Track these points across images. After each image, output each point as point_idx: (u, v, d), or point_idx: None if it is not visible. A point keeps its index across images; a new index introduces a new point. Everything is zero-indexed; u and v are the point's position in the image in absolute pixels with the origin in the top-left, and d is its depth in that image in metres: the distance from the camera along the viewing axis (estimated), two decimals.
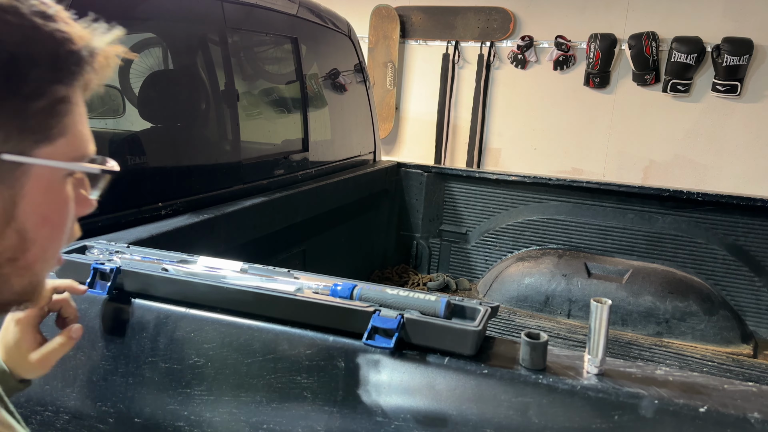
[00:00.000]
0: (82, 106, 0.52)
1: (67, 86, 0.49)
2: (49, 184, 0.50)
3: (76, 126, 0.51)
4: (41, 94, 0.47)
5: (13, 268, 0.50)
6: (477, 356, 0.82)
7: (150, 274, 0.97)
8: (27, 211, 0.49)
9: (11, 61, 0.44)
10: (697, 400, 0.73)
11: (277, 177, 2.02)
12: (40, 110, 0.47)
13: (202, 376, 0.91)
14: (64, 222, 0.53)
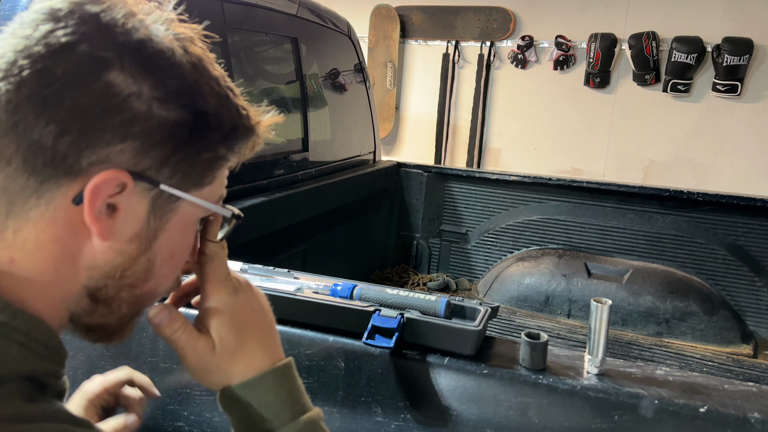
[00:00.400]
0: (229, 165, 0.58)
1: (229, 150, 0.55)
2: (186, 224, 0.56)
3: (221, 180, 0.57)
4: (212, 149, 0.53)
5: (129, 294, 0.54)
6: (477, 356, 0.82)
7: None
8: (162, 245, 0.53)
9: (204, 117, 0.51)
10: (697, 400, 0.73)
11: (277, 177, 2.02)
12: (205, 162, 0.53)
13: None
14: (182, 263, 0.58)
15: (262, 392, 0.59)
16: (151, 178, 0.50)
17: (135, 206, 0.50)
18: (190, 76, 0.51)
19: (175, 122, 0.50)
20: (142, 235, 0.52)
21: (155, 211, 0.52)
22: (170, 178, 0.51)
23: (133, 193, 0.50)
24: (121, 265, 0.52)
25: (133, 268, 0.52)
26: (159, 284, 0.56)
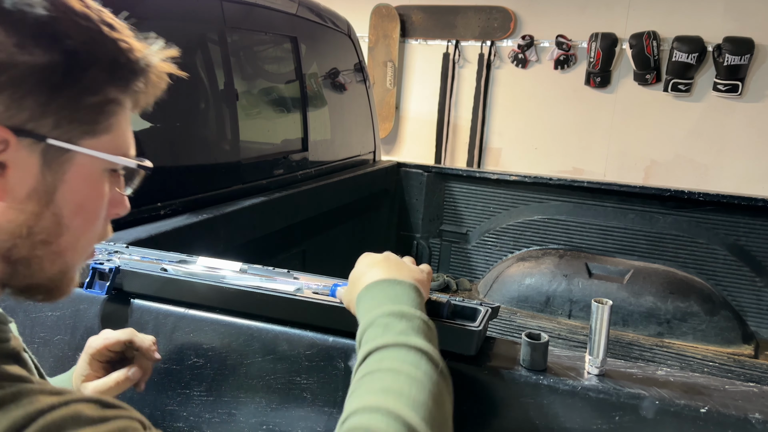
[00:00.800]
0: (128, 111, 0.57)
1: (119, 90, 0.54)
2: (88, 175, 0.54)
3: (121, 127, 0.56)
4: (95, 92, 0.52)
5: (46, 251, 0.53)
6: (477, 357, 0.82)
7: (149, 274, 0.96)
8: (65, 197, 0.53)
9: (74, 56, 0.50)
10: (698, 400, 0.73)
11: (277, 177, 2.02)
12: (91, 105, 0.52)
13: (201, 377, 0.91)
14: (97, 215, 0.57)
15: (364, 300, 0.70)
16: (33, 131, 0.49)
17: (24, 161, 0.49)
18: (48, 15, 0.49)
19: (43, 66, 0.48)
20: (40, 189, 0.51)
21: (48, 164, 0.51)
22: (55, 128, 0.50)
23: (19, 149, 0.49)
24: (25, 223, 0.51)
25: (40, 224, 0.52)
26: (77, 237, 0.55)
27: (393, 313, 0.65)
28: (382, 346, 0.62)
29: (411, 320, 0.65)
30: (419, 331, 0.64)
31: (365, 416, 0.54)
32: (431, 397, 0.57)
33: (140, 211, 1.46)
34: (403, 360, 0.60)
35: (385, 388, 0.57)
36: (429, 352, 0.62)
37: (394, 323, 0.64)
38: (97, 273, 0.97)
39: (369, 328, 0.65)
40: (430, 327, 0.66)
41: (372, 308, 0.67)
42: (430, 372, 0.60)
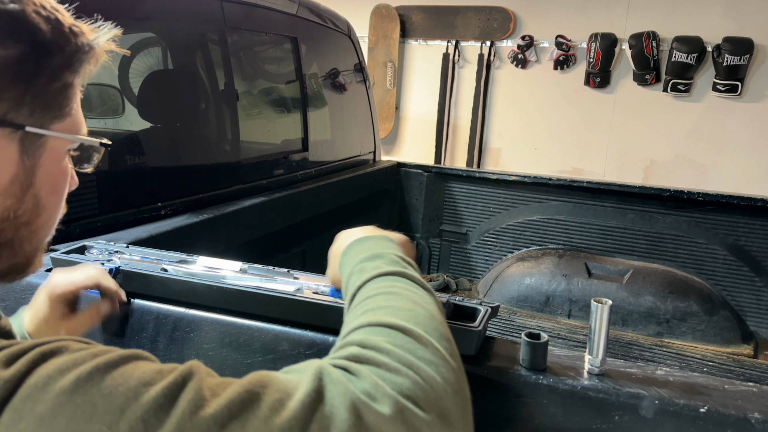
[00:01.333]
0: (79, 92, 0.60)
1: (74, 74, 0.57)
2: (57, 157, 0.58)
3: (78, 108, 0.59)
4: (57, 78, 0.55)
5: (26, 232, 0.57)
6: (477, 356, 0.82)
7: (149, 275, 0.96)
8: (42, 180, 0.56)
9: (42, 47, 0.53)
10: (697, 400, 0.73)
11: (277, 177, 2.02)
12: (56, 91, 0.55)
13: None
14: (64, 192, 0.61)
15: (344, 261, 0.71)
16: (12, 121, 0.52)
17: (6, 150, 0.53)
18: (19, 9, 0.52)
19: (18, 58, 0.51)
20: (21, 175, 0.54)
21: (26, 150, 0.54)
22: (30, 116, 0.53)
23: (1, 138, 0.52)
24: (11, 207, 0.54)
25: (23, 207, 0.55)
26: (50, 216, 0.59)
27: (366, 257, 0.68)
28: (360, 285, 0.63)
29: (383, 257, 0.67)
30: (392, 262, 0.66)
31: (346, 345, 0.54)
32: (410, 301, 0.58)
33: (141, 211, 1.47)
34: (377, 287, 0.61)
35: (364, 311, 0.58)
36: (401, 271, 0.64)
37: (368, 264, 0.66)
38: None
39: (349, 279, 0.67)
40: (405, 259, 0.68)
41: (349, 263, 0.70)
42: (406, 285, 0.62)
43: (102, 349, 0.48)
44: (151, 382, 0.44)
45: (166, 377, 0.45)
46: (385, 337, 0.52)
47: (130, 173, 1.48)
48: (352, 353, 0.50)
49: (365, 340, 0.51)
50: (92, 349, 0.47)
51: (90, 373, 0.44)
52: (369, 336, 0.52)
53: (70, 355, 0.46)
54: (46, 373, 0.44)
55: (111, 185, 1.41)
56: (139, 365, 0.46)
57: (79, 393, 0.43)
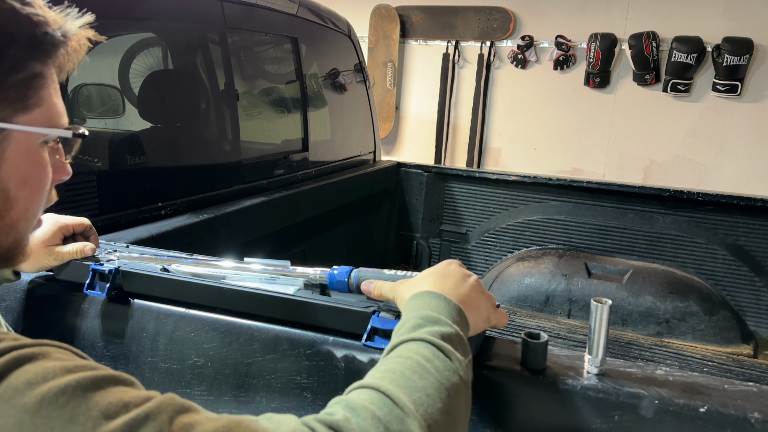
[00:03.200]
0: (56, 82, 0.59)
1: (42, 63, 0.56)
2: (27, 149, 0.57)
3: (51, 99, 0.58)
4: (19, 69, 0.53)
5: (1, 225, 0.57)
6: (477, 356, 0.82)
7: (149, 275, 0.96)
8: (9, 173, 0.55)
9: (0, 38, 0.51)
10: (697, 400, 0.73)
11: (277, 177, 2.02)
12: (18, 83, 0.54)
13: (201, 377, 0.91)
14: (42, 185, 0.60)
15: (412, 301, 0.70)
16: None
17: None
18: None
19: None
20: None
21: None
22: None
23: None
24: None
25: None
26: (26, 209, 0.59)
27: (428, 317, 0.66)
28: (406, 340, 0.63)
29: (443, 326, 0.65)
30: (447, 337, 0.63)
31: (354, 392, 0.55)
32: (434, 387, 0.56)
33: (141, 211, 1.47)
34: (417, 351, 0.60)
35: (385, 370, 0.57)
36: (448, 351, 0.61)
37: (425, 325, 0.65)
38: (97, 274, 0.97)
39: (403, 326, 0.66)
40: (462, 339, 0.66)
41: (412, 310, 0.69)
42: (442, 368, 0.59)
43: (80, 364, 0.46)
44: (113, 415, 0.43)
45: (131, 412, 0.43)
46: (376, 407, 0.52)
47: (131, 173, 1.48)
48: (333, 421, 0.50)
49: (356, 406, 0.52)
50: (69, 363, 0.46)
51: (56, 394, 0.43)
52: (365, 403, 0.52)
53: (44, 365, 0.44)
54: (14, 385, 0.43)
55: (111, 185, 1.41)
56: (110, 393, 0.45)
57: (41, 415, 0.42)
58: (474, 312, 0.72)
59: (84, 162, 1.34)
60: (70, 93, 1.30)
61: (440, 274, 0.76)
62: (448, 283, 0.74)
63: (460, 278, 0.75)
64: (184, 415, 0.46)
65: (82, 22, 0.59)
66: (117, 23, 1.49)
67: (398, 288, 0.78)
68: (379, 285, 0.82)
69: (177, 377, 0.92)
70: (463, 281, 0.75)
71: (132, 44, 1.65)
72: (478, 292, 0.75)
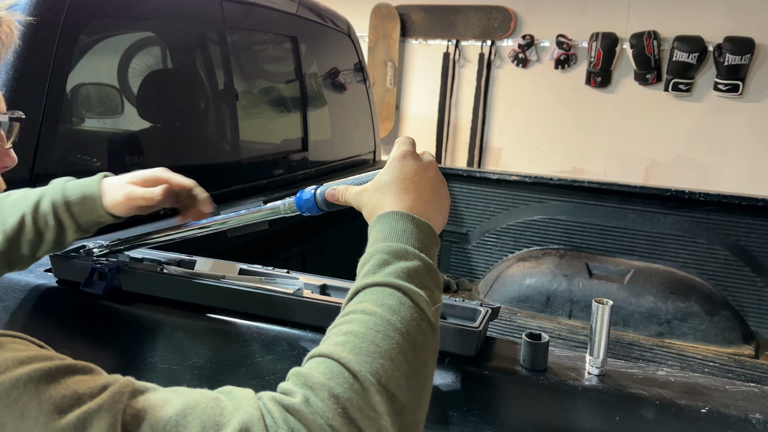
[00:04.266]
0: None
1: None
2: None
3: None
4: None
5: None
6: (478, 357, 0.82)
7: (149, 274, 0.96)
8: None
9: None
10: (698, 400, 0.73)
11: (277, 177, 2.02)
12: None
13: (201, 377, 0.91)
14: None
15: (378, 225, 0.66)
16: None
17: None
18: None
19: None
20: None
21: None
22: None
23: None
24: None
25: None
26: None
27: (394, 251, 0.61)
28: (370, 284, 0.58)
29: (410, 260, 0.60)
30: (415, 273, 0.59)
31: (313, 362, 0.52)
32: (398, 347, 0.53)
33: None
34: (381, 302, 0.56)
35: (347, 332, 0.54)
36: (415, 295, 0.57)
37: (391, 261, 0.60)
38: (96, 273, 0.96)
39: (367, 261, 0.62)
40: (431, 270, 0.61)
41: (377, 240, 0.64)
42: (409, 318, 0.55)
43: (34, 355, 0.45)
44: (66, 409, 0.41)
45: (84, 405, 0.42)
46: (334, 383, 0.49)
47: None
48: (290, 403, 0.47)
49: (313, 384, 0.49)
50: (23, 354, 0.44)
51: (7, 389, 0.41)
52: (323, 379, 0.49)
53: None
54: None
55: None
56: (64, 384, 0.43)
57: None
58: (440, 208, 0.69)
59: (83, 162, 1.34)
60: (69, 92, 1.30)
61: (401, 178, 0.70)
62: (411, 189, 0.68)
63: (421, 177, 0.70)
64: (138, 401, 0.44)
65: (8, 4, 0.59)
66: (116, 22, 1.49)
67: (361, 198, 0.73)
68: (342, 190, 0.77)
69: (177, 377, 0.92)
70: (424, 178, 0.70)
71: (131, 43, 1.65)
72: (438, 182, 0.71)
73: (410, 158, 0.72)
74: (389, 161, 0.73)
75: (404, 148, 0.74)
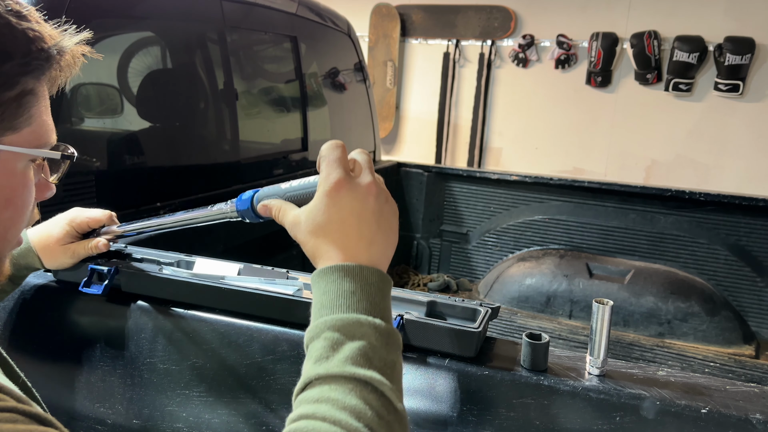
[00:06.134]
0: (47, 98, 0.57)
1: (35, 80, 0.53)
2: (13, 169, 0.55)
3: (41, 117, 0.56)
4: (12, 86, 0.51)
5: None
6: (478, 357, 0.82)
7: (148, 274, 0.96)
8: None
9: None
10: (698, 401, 0.73)
11: (277, 176, 2.01)
12: (10, 100, 0.52)
13: (200, 378, 0.91)
14: (26, 205, 0.58)
15: (322, 284, 0.60)
16: None
17: None
18: None
19: None
20: None
21: None
22: None
23: None
24: None
25: None
26: (7, 228, 0.57)
27: (343, 325, 0.55)
28: (324, 376, 0.53)
29: (364, 336, 0.55)
30: (372, 351, 0.54)
31: None
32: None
33: (139, 211, 1.46)
34: (343, 405, 0.50)
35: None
36: (378, 384, 0.52)
37: (342, 340, 0.54)
38: (95, 273, 0.96)
39: (316, 337, 0.57)
40: (389, 336, 0.56)
41: (323, 306, 0.59)
42: (375, 418, 0.50)
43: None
44: None
45: None
46: None
47: (129, 173, 1.48)
48: None
49: None
50: None
51: None
52: None
53: None
54: None
55: (109, 185, 1.40)
56: None
57: None
58: (387, 239, 0.62)
59: (82, 161, 1.33)
60: (69, 92, 1.30)
61: (337, 219, 0.60)
62: (351, 231, 0.60)
63: (359, 212, 0.60)
64: None
65: (79, 39, 0.57)
66: (116, 22, 1.49)
67: (296, 233, 0.64)
68: (276, 209, 0.68)
69: (176, 378, 0.92)
70: (364, 211, 0.60)
71: (131, 43, 1.64)
72: (379, 208, 0.61)
73: (345, 190, 0.60)
74: (319, 193, 0.61)
75: (334, 176, 0.61)
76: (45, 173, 0.61)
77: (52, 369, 0.99)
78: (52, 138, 0.58)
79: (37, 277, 1.03)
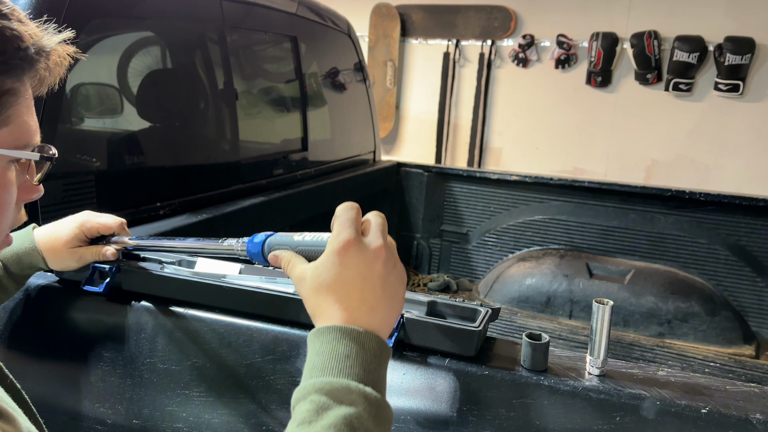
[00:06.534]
0: (29, 99, 0.55)
1: (14, 79, 0.52)
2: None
3: (21, 117, 0.54)
4: None
5: None
6: (478, 357, 0.82)
7: (149, 273, 0.96)
8: None
9: None
10: (698, 401, 0.73)
11: (277, 177, 2.01)
12: None
13: (201, 378, 0.91)
14: (6, 206, 0.56)
15: (317, 343, 0.58)
16: None
17: None
18: None
19: None
20: None
21: None
22: None
23: None
24: None
25: None
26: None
27: (333, 390, 0.53)
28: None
29: (352, 404, 0.53)
30: (358, 421, 0.52)
31: None
32: None
33: (139, 211, 1.46)
34: None
35: None
36: None
37: (329, 405, 0.53)
38: (96, 272, 0.96)
39: (303, 398, 0.54)
40: (378, 408, 0.54)
41: (315, 367, 0.56)
42: None
43: None
44: None
45: None
46: None
47: (129, 173, 1.48)
48: None
49: None
50: None
51: None
52: None
53: None
54: None
55: (109, 185, 1.40)
56: None
57: None
58: (391, 306, 0.61)
59: (82, 161, 1.33)
60: (69, 92, 1.30)
61: (343, 280, 0.60)
62: (354, 294, 0.59)
63: (366, 276, 0.60)
64: None
65: (60, 38, 0.56)
66: (116, 22, 1.49)
67: (301, 289, 0.64)
68: (285, 262, 0.68)
69: (176, 378, 0.92)
70: (370, 276, 0.60)
71: (131, 43, 1.64)
72: (386, 274, 0.60)
73: (353, 251, 0.60)
74: (327, 251, 0.62)
75: (344, 236, 0.61)
76: (30, 175, 0.60)
77: (52, 368, 0.99)
78: (35, 139, 0.57)
79: (39, 275, 1.03)
